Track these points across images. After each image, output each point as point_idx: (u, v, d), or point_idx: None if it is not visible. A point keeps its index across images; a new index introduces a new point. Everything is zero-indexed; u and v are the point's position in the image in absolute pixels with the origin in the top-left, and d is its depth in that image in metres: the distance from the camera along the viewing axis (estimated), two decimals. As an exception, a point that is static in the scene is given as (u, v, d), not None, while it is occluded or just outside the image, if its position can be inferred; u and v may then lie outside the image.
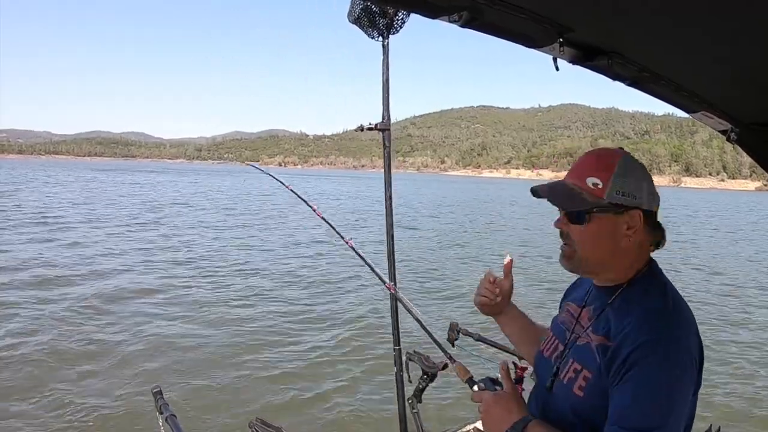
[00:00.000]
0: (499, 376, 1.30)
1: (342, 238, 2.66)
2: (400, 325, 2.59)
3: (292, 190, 3.03)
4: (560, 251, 1.22)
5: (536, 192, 1.23)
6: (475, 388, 1.35)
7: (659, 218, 1.19)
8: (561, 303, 1.40)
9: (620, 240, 1.14)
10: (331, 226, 2.74)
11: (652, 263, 1.18)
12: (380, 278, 2.47)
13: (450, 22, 1.02)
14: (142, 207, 27.66)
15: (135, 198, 34.23)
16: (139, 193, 40.44)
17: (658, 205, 1.17)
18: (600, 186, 1.13)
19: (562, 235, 1.20)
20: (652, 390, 1.00)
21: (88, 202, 28.90)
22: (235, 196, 40.80)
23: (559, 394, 1.19)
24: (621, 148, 1.19)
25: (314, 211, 2.80)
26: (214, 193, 45.12)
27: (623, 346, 1.05)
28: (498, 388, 1.28)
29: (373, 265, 2.48)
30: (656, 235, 1.18)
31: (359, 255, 2.54)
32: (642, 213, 1.13)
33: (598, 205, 1.14)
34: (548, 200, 1.20)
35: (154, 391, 1.85)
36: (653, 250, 1.20)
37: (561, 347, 1.25)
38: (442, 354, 2.07)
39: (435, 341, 2.23)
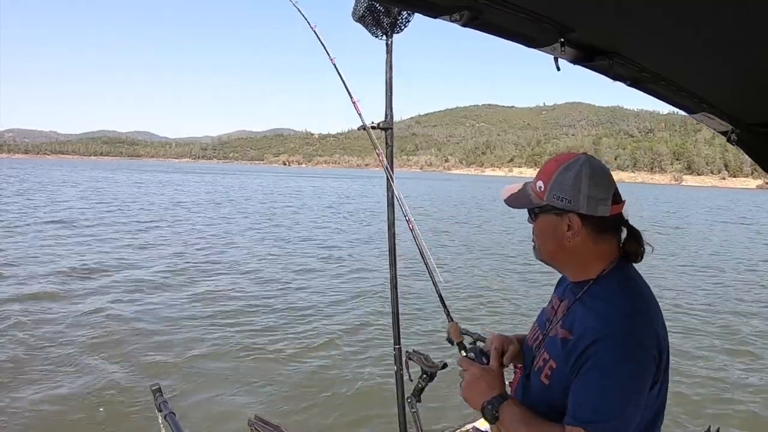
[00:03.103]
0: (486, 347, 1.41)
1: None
2: (400, 324, 2.58)
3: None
4: None
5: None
6: (463, 353, 1.43)
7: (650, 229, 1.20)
8: (552, 294, 1.47)
9: (562, 240, 1.22)
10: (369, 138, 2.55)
11: (620, 262, 1.22)
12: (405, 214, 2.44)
13: (451, 21, 1.02)
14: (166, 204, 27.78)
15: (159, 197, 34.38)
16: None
17: (608, 212, 1.18)
18: (542, 189, 1.23)
19: None
20: (604, 384, 1.07)
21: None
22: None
23: (533, 381, 1.28)
24: (585, 153, 1.25)
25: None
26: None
27: (581, 340, 1.12)
28: (485, 361, 1.36)
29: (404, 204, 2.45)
30: (609, 241, 1.22)
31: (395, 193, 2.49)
32: (581, 217, 1.18)
33: (538, 206, 1.25)
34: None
35: (153, 388, 1.85)
36: (627, 260, 1.24)
37: (540, 337, 1.32)
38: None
39: (440, 297, 2.24)
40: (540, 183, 1.23)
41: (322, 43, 2.60)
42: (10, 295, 8.68)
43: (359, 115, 2.51)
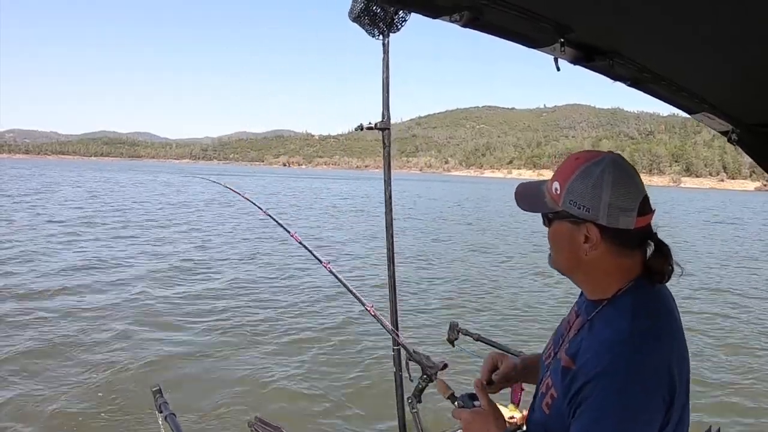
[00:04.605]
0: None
1: (320, 261, 2.65)
2: (399, 325, 2.57)
3: (269, 215, 2.98)
4: None
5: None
6: (456, 404, 1.35)
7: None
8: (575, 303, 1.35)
9: (578, 252, 1.07)
10: (308, 250, 2.73)
11: (640, 281, 1.07)
12: (359, 300, 2.48)
13: (451, 21, 1.02)
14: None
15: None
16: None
17: (632, 225, 1.03)
18: (558, 191, 1.08)
19: None
20: (610, 416, 0.95)
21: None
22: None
23: (536, 406, 1.18)
24: (611, 152, 1.10)
25: (292, 236, 2.78)
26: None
27: (580, 373, 1.00)
28: (476, 403, 1.28)
29: (353, 289, 2.51)
30: (632, 256, 1.07)
31: (338, 279, 2.58)
32: (600, 228, 1.03)
33: (552, 211, 1.10)
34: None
35: (154, 389, 1.84)
36: (651, 279, 1.08)
37: (552, 355, 1.20)
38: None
39: (415, 359, 2.21)
40: (556, 184, 1.08)
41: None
42: (6, 294, 8.69)
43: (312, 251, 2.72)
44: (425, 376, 2.06)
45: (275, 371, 6.19)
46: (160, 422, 1.75)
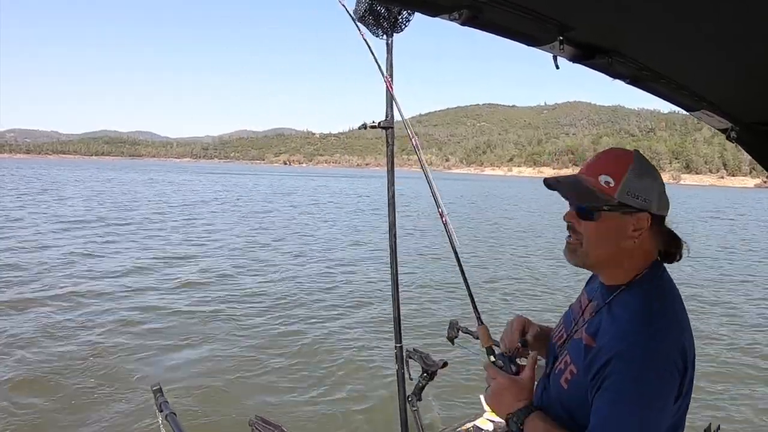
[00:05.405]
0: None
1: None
2: (402, 323, 2.57)
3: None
4: (566, 243, 1.22)
5: (549, 184, 1.23)
6: (492, 358, 1.37)
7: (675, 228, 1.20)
8: (583, 289, 1.39)
9: (624, 241, 1.14)
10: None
11: (653, 267, 1.16)
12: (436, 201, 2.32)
13: (450, 20, 1.02)
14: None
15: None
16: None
17: (668, 210, 1.16)
18: (612, 185, 1.13)
19: (569, 227, 1.20)
20: (626, 401, 1.01)
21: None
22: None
23: (552, 383, 1.23)
24: (636, 150, 1.18)
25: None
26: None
27: (603, 351, 1.06)
28: (513, 367, 1.30)
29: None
30: (664, 242, 1.18)
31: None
32: (650, 216, 1.13)
33: (608, 204, 1.14)
34: (560, 193, 1.20)
35: (154, 388, 1.84)
36: (667, 260, 1.20)
37: (565, 336, 1.26)
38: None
39: (471, 297, 2.12)
40: (607, 178, 1.14)
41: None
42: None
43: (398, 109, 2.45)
44: (425, 375, 2.06)
45: (275, 371, 6.19)
46: (160, 421, 1.75)
